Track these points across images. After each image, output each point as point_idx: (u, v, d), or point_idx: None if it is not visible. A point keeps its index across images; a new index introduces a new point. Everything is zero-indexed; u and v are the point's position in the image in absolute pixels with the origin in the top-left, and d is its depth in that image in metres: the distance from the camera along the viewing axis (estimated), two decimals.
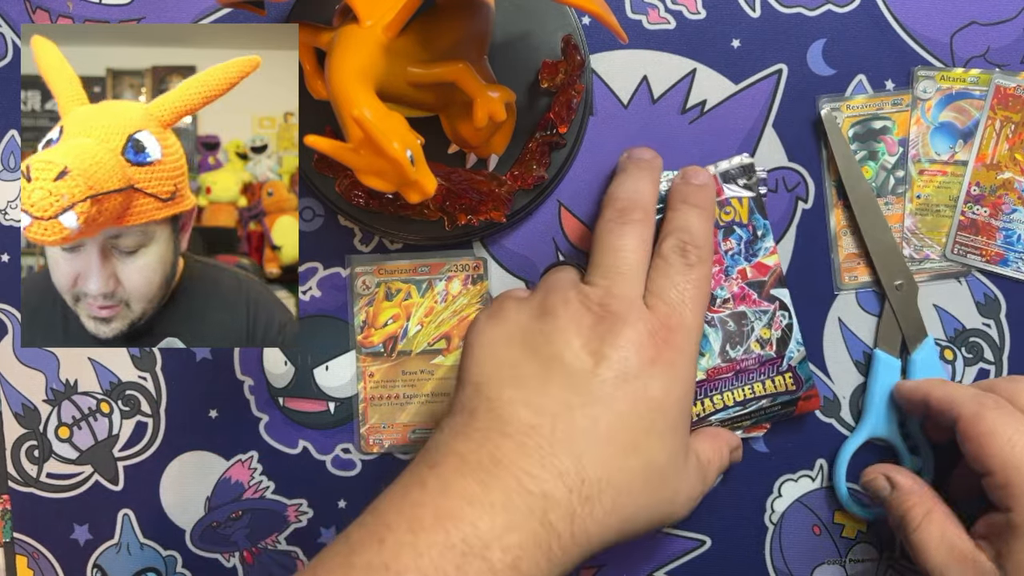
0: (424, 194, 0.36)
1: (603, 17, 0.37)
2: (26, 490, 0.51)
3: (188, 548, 0.51)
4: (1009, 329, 0.50)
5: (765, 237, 0.42)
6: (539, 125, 0.48)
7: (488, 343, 0.38)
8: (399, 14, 0.37)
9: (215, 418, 0.51)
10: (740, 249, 0.42)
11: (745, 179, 0.42)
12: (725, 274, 0.41)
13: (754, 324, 0.41)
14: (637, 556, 0.51)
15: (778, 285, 0.42)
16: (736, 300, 0.41)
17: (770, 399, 0.42)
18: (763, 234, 0.42)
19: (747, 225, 0.42)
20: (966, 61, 0.49)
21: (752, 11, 0.49)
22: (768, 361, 0.42)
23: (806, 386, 0.46)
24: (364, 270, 0.50)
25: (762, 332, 0.41)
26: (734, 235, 0.41)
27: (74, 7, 0.50)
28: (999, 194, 0.49)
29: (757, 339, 0.41)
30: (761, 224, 0.42)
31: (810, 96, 0.49)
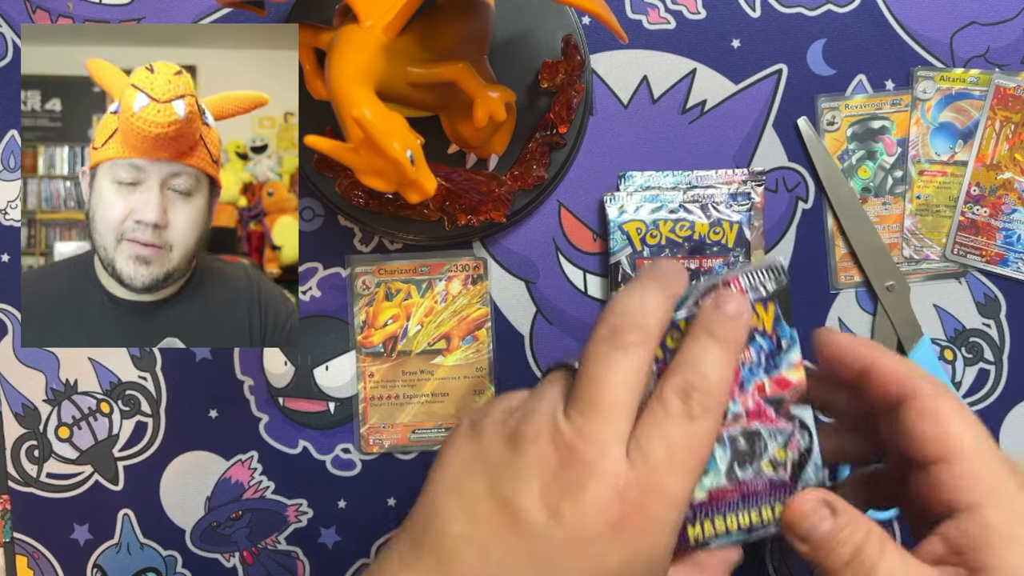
0: (424, 194, 0.36)
1: (603, 17, 0.37)
2: (26, 490, 0.51)
3: (188, 548, 0.51)
4: (1009, 329, 0.50)
5: (791, 349, 0.36)
6: (539, 125, 0.48)
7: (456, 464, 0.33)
8: (399, 14, 0.37)
9: (215, 418, 0.51)
10: (760, 360, 0.36)
11: (774, 283, 0.36)
12: (740, 387, 0.35)
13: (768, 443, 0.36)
14: None
15: (800, 402, 0.36)
16: (750, 416, 0.35)
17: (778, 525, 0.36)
18: (788, 345, 0.36)
19: (770, 335, 0.36)
20: (966, 61, 0.49)
21: (752, 11, 0.49)
22: (780, 485, 0.36)
23: None
24: (364, 270, 0.50)
25: (776, 452, 0.36)
26: (754, 344, 0.35)
27: (74, 7, 0.50)
28: (999, 194, 0.49)
29: (770, 460, 0.36)
30: (787, 333, 0.36)
31: (810, 96, 0.49)
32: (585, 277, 0.50)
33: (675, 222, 0.49)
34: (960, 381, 0.50)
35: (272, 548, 0.51)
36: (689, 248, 0.49)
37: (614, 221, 0.49)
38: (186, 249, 0.40)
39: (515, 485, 0.31)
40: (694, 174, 0.49)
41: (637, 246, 0.49)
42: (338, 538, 0.51)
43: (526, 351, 0.50)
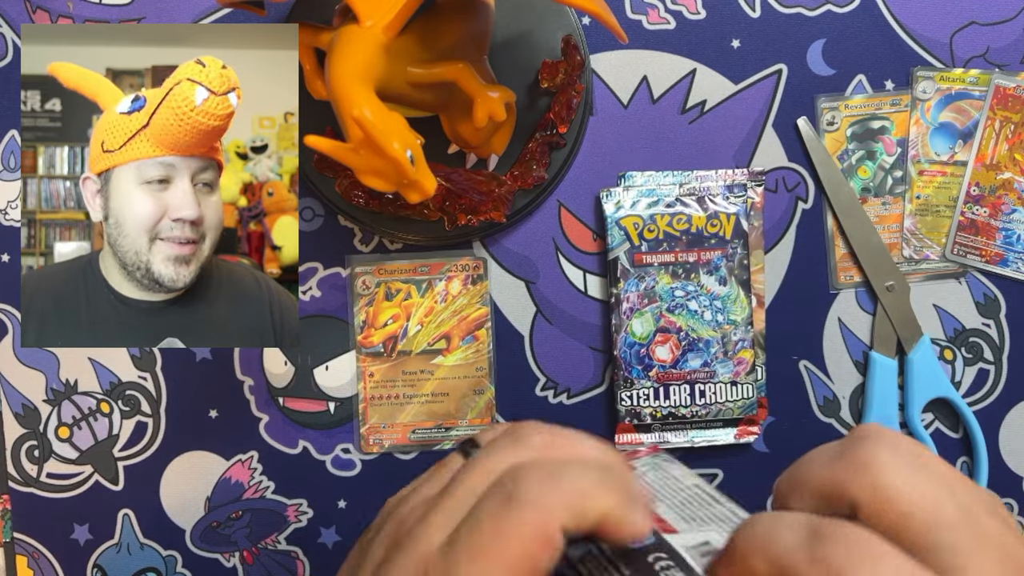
0: (424, 194, 0.36)
1: (603, 17, 0.37)
2: (26, 490, 0.51)
3: (188, 548, 0.51)
4: (1009, 329, 0.50)
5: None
6: (539, 125, 0.48)
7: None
8: (399, 14, 0.37)
9: (215, 418, 0.51)
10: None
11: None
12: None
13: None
14: None
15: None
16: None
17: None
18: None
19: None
20: (966, 61, 0.49)
21: (752, 11, 0.49)
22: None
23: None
24: (364, 270, 0.50)
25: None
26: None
27: (74, 7, 0.50)
28: (999, 194, 0.49)
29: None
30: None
31: (810, 96, 0.49)
32: (585, 277, 0.50)
33: (672, 216, 0.49)
34: (960, 381, 0.50)
35: (272, 548, 0.51)
36: (687, 241, 0.49)
37: (611, 217, 0.49)
38: (213, 241, 0.41)
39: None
40: (694, 174, 0.49)
41: (635, 241, 0.49)
42: (338, 538, 0.51)
43: (526, 351, 0.51)
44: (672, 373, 0.49)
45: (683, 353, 0.49)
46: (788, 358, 0.50)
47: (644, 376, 0.49)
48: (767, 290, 0.50)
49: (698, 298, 0.49)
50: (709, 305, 0.49)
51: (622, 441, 0.50)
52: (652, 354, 0.49)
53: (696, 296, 0.49)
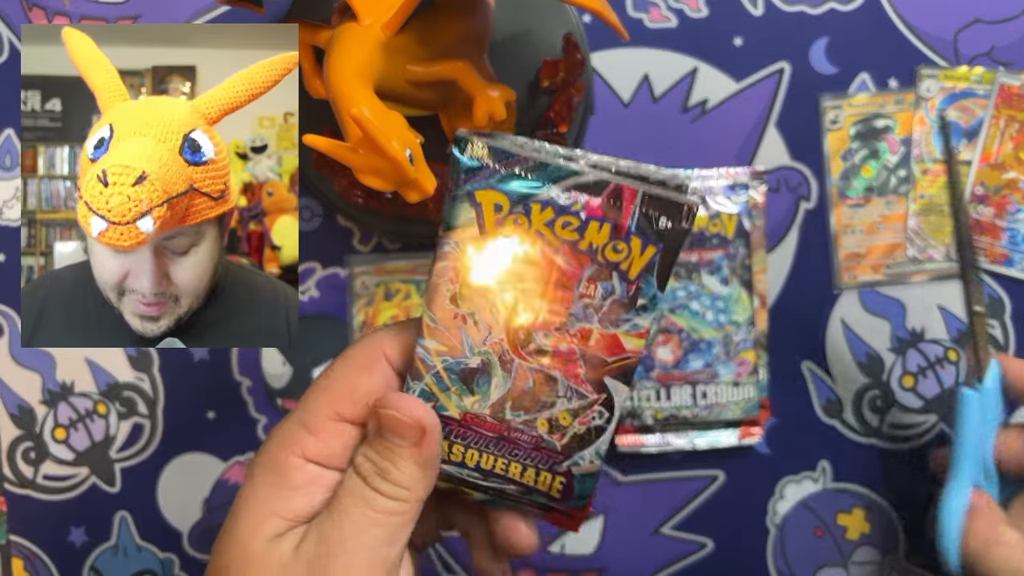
0: (423, 193, 0.36)
1: (604, 15, 0.37)
2: (22, 492, 0.51)
3: (185, 551, 0.51)
4: (1014, 329, 0.49)
5: (644, 312, 0.29)
6: (539, 124, 0.47)
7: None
8: (398, 12, 0.37)
9: (213, 419, 0.51)
10: (602, 304, 0.29)
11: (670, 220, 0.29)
12: (566, 325, 0.29)
13: (557, 401, 0.30)
14: (639, 559, 0.50)
15: (619, 377, 0.30)
16: (555, 359, 0.29)
17: (520, 489, 0.31)
18: (643, 307, 0.29)
19: (629, 282, 0.29)
20: (970, 59, 0.49)
21: (754, 9, 0.49)
22: (546, 451, 0.30)
23: (575, 504, 0.32)
24: (363, 270, 0.50)
25: (561, 416, 0.30)
26: (605, 283, 0.29)
27: (71, 5, 0.50)
28: (1004, 194, 0.49)
29: (549, 419, 0.30)
30: (650, 292, 0.29)
31: (813, 95, 0.49)
32: None
33: None
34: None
35: None
36: (689, 241, 0.48)
37: None
38: (195, 296, 0.38)
39: None
40: (695, 173, 0.49)
41: None
42: None
43: None
44: (674, 374, 0.49)
45: (685, 354, 0.49)
46: (791, 359, 0.50)
47: (645, 377, 0.49)
48: (769, 290, 0.49)
49: (700, 298, 0.49)
50: (711, 305, 0.49)
51: (623, 443, 0.49)
52: (654, 355, 0.49)
53: (698, 296, 0.49)
